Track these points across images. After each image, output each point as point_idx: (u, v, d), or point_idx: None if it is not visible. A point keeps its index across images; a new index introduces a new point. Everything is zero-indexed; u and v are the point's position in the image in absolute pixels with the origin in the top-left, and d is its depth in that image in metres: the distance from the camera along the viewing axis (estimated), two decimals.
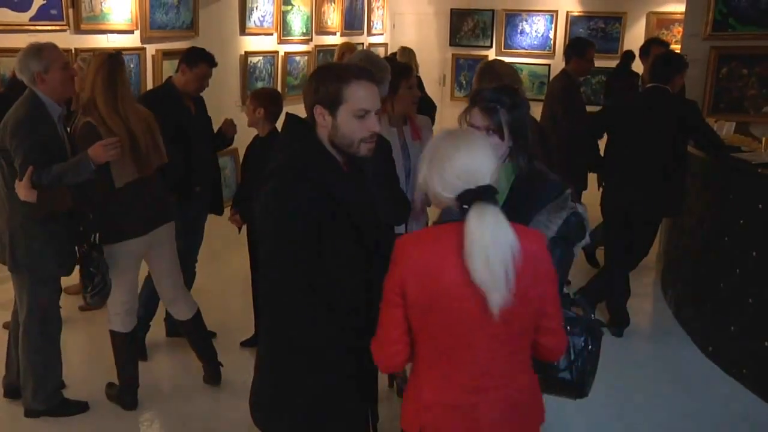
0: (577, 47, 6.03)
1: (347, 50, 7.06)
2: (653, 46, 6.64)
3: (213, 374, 4.22)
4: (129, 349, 3.95)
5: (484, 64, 3.81)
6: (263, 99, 4.29)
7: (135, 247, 3.74)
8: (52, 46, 3.59)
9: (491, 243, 1.83)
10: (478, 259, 1.83)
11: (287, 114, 2.31)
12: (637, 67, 7.99)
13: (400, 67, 3.77)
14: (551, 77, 9.37)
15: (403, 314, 1.98)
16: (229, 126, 4.77)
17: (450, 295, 1.91)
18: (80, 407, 3.94)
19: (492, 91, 2.52)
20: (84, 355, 4.75)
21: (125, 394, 3.96)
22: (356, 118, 2.14)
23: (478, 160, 1.92)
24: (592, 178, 5.78)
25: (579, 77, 6.07)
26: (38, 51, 3.52)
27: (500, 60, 4.02)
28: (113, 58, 3.68)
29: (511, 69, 3.74)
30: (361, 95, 2.14)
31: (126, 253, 3.72)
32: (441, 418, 2.02)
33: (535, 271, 1.94)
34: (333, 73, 2.18)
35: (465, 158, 1.91)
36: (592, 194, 5.53)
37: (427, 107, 7.60)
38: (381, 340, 2.05)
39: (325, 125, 2.16)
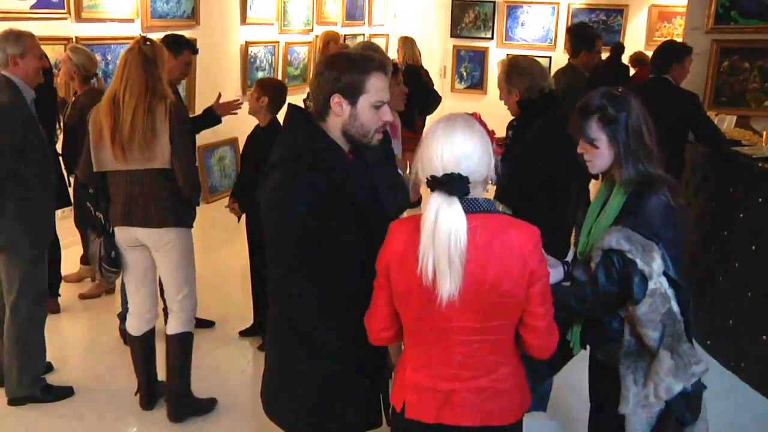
0: (587, 41, 5.92)
1: (332, 40, 7.04)
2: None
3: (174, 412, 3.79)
4: (137, 352, 3.82)
5: (509, 60, 3.66)
6: (268, 88, 4.28)
7: (121, 236, 3.60)
8: (31, 35, 3.70)
9: (434, 234, 1.84)
10: (423, 250, 1.85)
11: (289, 104, 2.31)
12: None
13: None
14: (553, 70, 9.38)
15: (388, 295, 2.04)
16: (224, 108, 4.61)
17: (423, 286, 1.91)
18: (65, 393, 3.94)
19: (590, 95, 2.42)
20: (79, 342, 4.78)
21: (141, 395, 3.89)
22: (374, 109, 2.18)
23: (450, 146, 1.90)
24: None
25: (586, 71, 5.96)
26: (17, 36, 3.63)
27: (522, 55, 3.92)
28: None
29: (537, 63, 3.62)
30: (380, 86, 2.18)
31: (120, 241, 3.63)
32: (418, 398, 2.07)
33: (521, 266, 1.92)
34: (355, 63, 2.18)
35: (440, 143, 1.91)
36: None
37: (433, 99, 7.61)
38: (370, 317, 2.13)
39: (341, 114, 2.17)
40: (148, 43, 3.43)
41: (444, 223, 1.83)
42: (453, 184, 1.86)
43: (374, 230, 2.21)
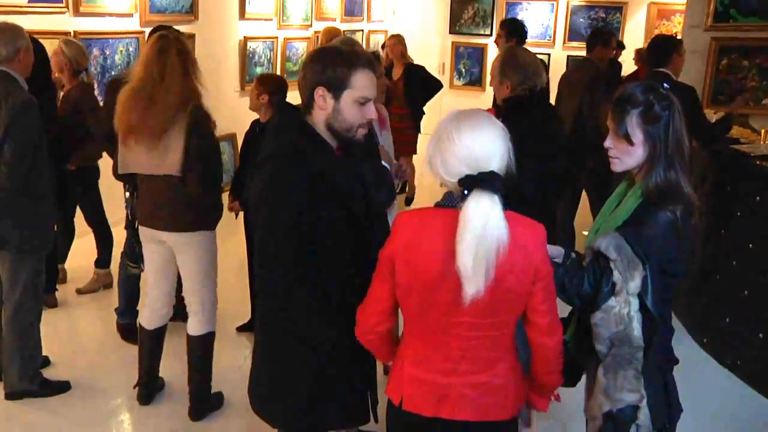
0: (604, 34, 5.94)
1: (334, 37, 7.04)
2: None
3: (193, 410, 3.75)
4: (145, 345, 3.80)
5: (506, 51, 3.60)
6: (269, 85, 4.24)
7: (146, 234, 3.59)
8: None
9: (482, 234, 1.79)
10: (466, 247, 1.80)
11: (278, 100, 2.31)
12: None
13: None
14: (552, 68, 9.37)
15: (390, 289, 2.01)
16: None
17: (429, 279, 1.91)
18: (61, 387, 3.93)
19: (630, 87, 2.30)
20: (77, 336, 4.78)
21: (140, 388, 3.86)
22: (357, 105, 2.17)
23: (480, 144, 1.87)
24: None
25: (602, 64, 5.93)
26: (20, 30, 3.58)
27: (523, 48, 3.78)
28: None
29: (533, 57, 3.57)
30: (365, 83, 2.17)
31: (142, 236, 3.64)
32: (416, 391, 2.07)
33: (525, 264, 1.92)
34: (342, 57, 2.17)
35: (468, 141, 1.87)
36: None
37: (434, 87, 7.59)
38: (366, 309, 2.10)
39: (325, 107, 2.17)
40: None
41: (493, 229, 1.79)
42: (494, 183, 1.83)
43: (364, 226, 2.22)
